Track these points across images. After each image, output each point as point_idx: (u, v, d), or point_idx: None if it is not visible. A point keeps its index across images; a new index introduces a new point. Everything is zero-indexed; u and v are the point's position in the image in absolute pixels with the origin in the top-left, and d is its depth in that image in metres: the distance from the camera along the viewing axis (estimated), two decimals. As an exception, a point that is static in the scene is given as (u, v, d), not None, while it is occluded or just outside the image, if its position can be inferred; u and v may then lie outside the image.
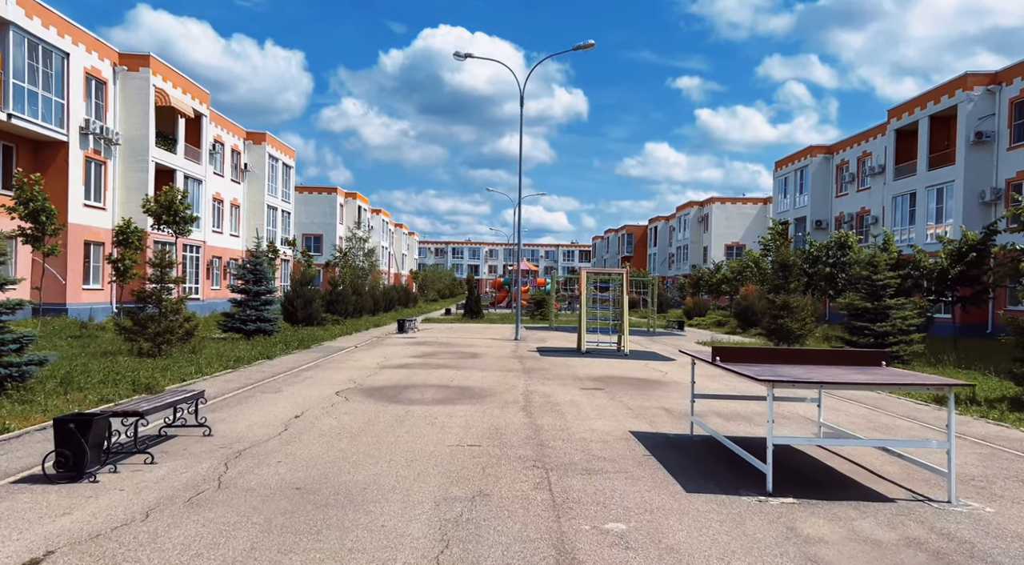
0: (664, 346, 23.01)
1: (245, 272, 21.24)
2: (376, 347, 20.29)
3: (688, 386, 12.58)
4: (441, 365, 15.60)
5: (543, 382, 13.05)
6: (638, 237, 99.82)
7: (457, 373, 14.13)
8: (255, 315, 20.86)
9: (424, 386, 12.16)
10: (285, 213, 52.67)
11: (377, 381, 12.73)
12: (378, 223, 79.79)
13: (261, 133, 47.94)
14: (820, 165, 48.24)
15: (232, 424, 8.50)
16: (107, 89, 30.56)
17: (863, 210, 43.61)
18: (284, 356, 17.05)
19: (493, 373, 14.29)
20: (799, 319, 22.11)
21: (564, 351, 19.86)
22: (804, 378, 5.73)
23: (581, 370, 15.19)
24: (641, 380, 13.66)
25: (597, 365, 16.35)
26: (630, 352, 18.97)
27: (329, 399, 10.56)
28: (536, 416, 9.38)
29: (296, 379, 12.87)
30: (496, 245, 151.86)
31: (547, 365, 16.13)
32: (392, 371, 14.33)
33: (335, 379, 12.93)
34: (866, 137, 43.47)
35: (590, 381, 13.36)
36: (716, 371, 14.90)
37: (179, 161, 34.87)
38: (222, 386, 11.75)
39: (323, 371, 14.20)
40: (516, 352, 19.45)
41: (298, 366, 15.03)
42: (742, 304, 31.68)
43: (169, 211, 23.00)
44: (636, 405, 10.53)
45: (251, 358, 15.78)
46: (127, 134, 31.54)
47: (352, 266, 46.46)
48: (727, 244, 71.35)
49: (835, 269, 28.35)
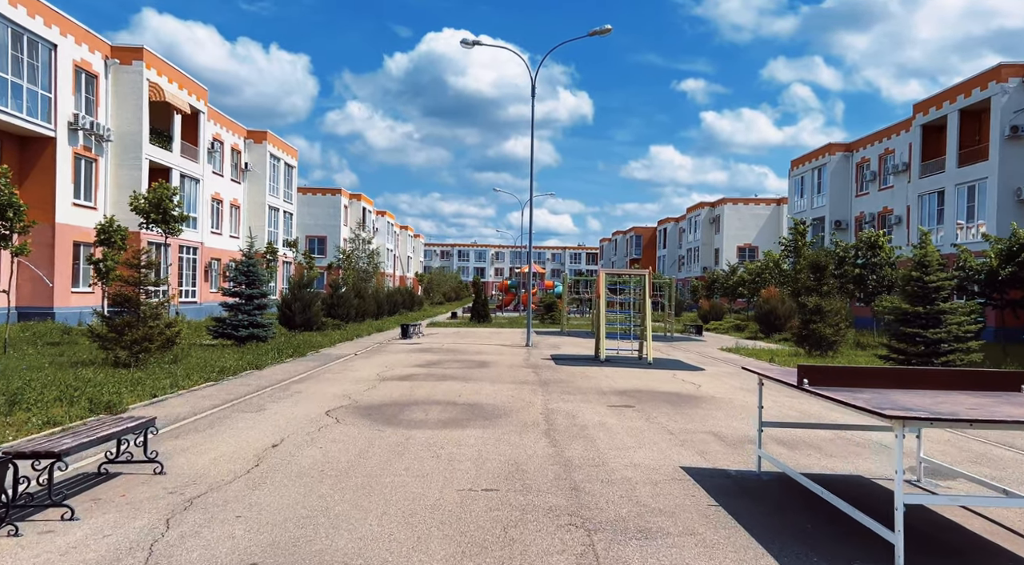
0: (687, 353, 21.41)
1: (237, 274, 19.76)
2: (377, 355, 18.77)
3: (732, 403, 11.01)
4: (448, 376, 14.05)
5: (564, 397, 11.48)
6: (647, 239, 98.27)
7: (466, 386, 12.58)
8: (248, 320, 19.35)
9: (428, 403, 10.62)
10: (287, 214, 51.28)
11: (375, 396, 11.19)
12: (383, 225, 78.38)
13: (262, 132, 46.55)
14: (839, 164, 46.55)
15: (194, 456, 6.97)
16: (98, 83, 29.17)
17: (885, 209, 41.88)
18: (275, 366, 15.53)
19: (506, 386, 12.73)
20: (832, 324, 20.49)
21: (581, 359, 18.29)
22: (949, 415, 4.14)
23: (604, 382, 13.61)
24: (674, 395, 12.08)
25: (620, 376, 14.77)
26: (653, 360, 17.39)
27: (317, 421, 9.01)
28: (562, 444, 7.82)
29: (284, 394, 11.34)
30: (502, 247, 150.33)
31: (565, 376, 14.56)
32: (393, 384, 12.79)
33: (328, 394, 11.39)
34: (888, 134, 41.77)
35: (616, 396, 11.79)
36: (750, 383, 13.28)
37: (175, 159, 33.45)
38: (196, 404, 10.22)
39: (316, 384, 12.67)
40: (529, 360, 17.89)
41: (289, 378, 13.50)
42: (764, 308, 30.04)
43: (158, 209, 21.55)
44: (678, 428, 8.95)
45: (238, 368, 14.27)
46: (119, 130, 30.14)
47: (355, 268, 44.97)
48: (739, 246, 69.73)
49: (865, 270, 26.68)
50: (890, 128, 41.37)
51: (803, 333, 20.75)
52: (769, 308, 29.75)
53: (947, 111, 33.53)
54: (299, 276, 26.28)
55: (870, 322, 29.65)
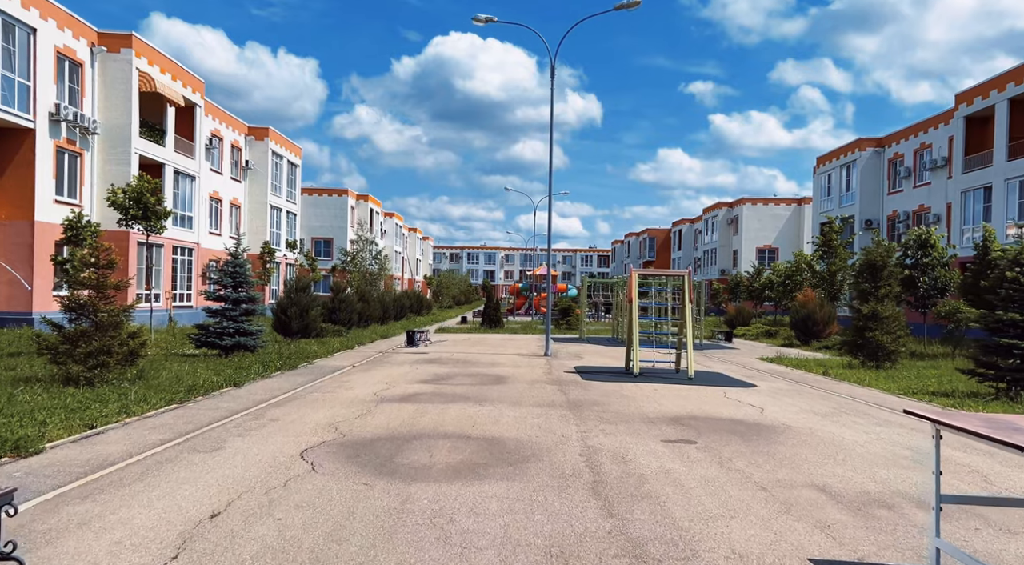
0: (726, 364, 19.10)
1: (222, 276, 17.63)
2: (378, 366, 16.57)
3: (815, 436, 8.59)
4: (458, 396, 11.84)
5: (604, 428, 9.24)
6: (660, 241, 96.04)
7: (481, 411, 10.36)
8: (234, 327, 17.22)
9: (435, 436, 8.41)
10: (291, 214, 49.28)
11: (368, 427, 8.99)
12: (391, 227, 76.36)
13: (264, 128, 44.58)
14: (870, 160, 44.05)
15: (87, 539, 4.78)
16: (83, 72, 27.21)
17: (921, 208, 39.36)
18: (258, 382, 13.35)
19: (530, 410, 10.50)
20: (891, 331, 18.16)
21: (611, 373, 16.02)
22: None
23: (647, 405, 11.34)
24: (738, 423, 9.80)
25: (664, 396, 12.49)
26: (695, 374, 15.09)
27: (286, 468, 6.81)
28: (621, 510, 5.59)
29: (255, 423, 9.16)
30: (512, 250, 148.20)
31: (598, 395, 12.31)
32: (393, 407, 10.58)
33: (310, 423, 9.20)
34: (924, 128, 39.27)
35: (669, 425, 9.53)
36: (820, 404, 10.97)
37: (168, 154, 31.45)
38: (139, 439, 8.05)
39: (298, 407, 10.48)
40: (551, 373, 15.66)
41: (269, 398, 11.32)
42: (800, 312, 27.66)
43: (138, 203, 19.48)
44: (768, 480, 6.68)
45: (212, 386, 12.11)
46: (107, 123, 28.17)
47: (360, 270, 42.86)
48: (759, 247, 67.36)
49: (915, 271, 24.30)
50: (926, 121, 38.88)
51: (857, 341, 18.41)
52: (806, 313, 27.38)
53: (994, 101, 31.08)
54: (297, 279, 24.15)
55: (920, 329, 27.21)
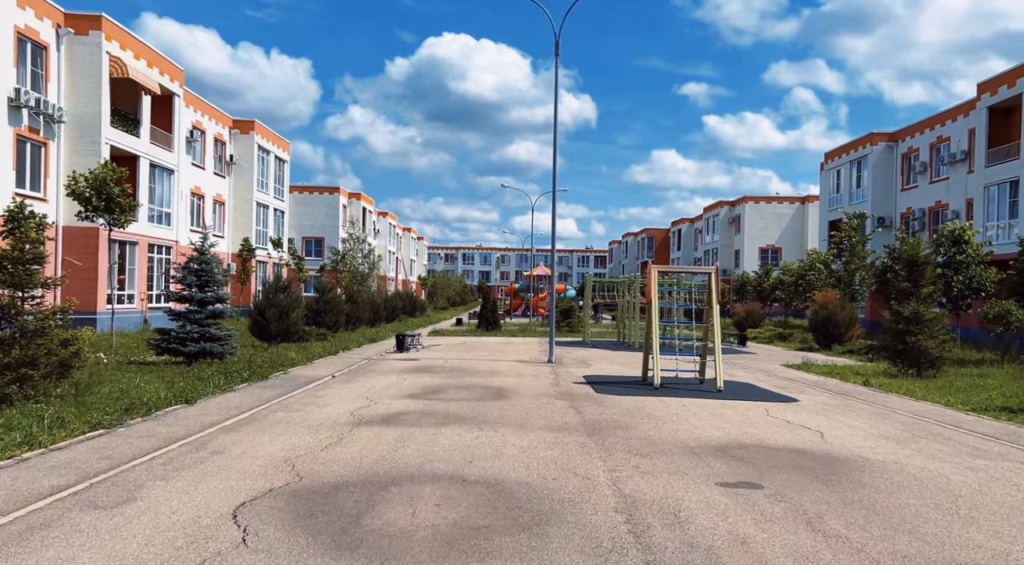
0: (750, 372, 17.18)
1: (186, 274, 15.61)
2: (362, 376, 14.59)
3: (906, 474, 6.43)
4: (452, 416, 9.88)
5: (637, 463, 7.28)
6: (659, 241, 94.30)
7: (479, 437, 8.40)
8: (198, 332, 15.20)
9: (420, 479, 6.45)
10: (278, 212, 47.18)
11: (335, 464, 7.02)
12: (385, 226, 74.28)
13: (249, 121, 42.50)
14: (882, 155, 42.24)
15: None
16: (48, 55, 25.15)
17: (938, 204, 37.53)
18: (216, 397, 11.35)
19: (540, 436, 8.55)
20: (934, 336, 16.29)
21: (626, 384, 14.06)
22: None
23: (682, 427, 9.37)
24: (800, 454, 7.85)
25: (696, 414, 10.54)
26: (724, 386, 13.13)
27: (205, 540, 4.83)
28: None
29: (190, 458, 7.18)
30: (508, 250, 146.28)
31: (618, 414, 10.36)
32: (370, 434, 8.60)
33: (261, 458, 7.22)
34: (941, 120, 37.46)
35: (717, 458, 7.58)
36: (888, 426, 8.93)
37: (143, 146, 29.38)
38: (25, 486, 6.04)
39: (253, 434, 8.50)
40: (558, 385, 13.70)
41: (220, 421, 9.33)
42: (820, 314, 25.77)
43: (100, 194, 17.48)
44: (891, 555, 4.74)
45: (156, 403, 10.11)
46: (74, 110, 26.11)
47: (351, 270, 40.82)
48: (761, 247, 65.60)
49: (947, 270, 22.46)
50: (944, 114, 37.08)
51: (897, 347, 16.52)
52: (826, 314, 25.50)
53: (1021, 89, 29.28)
54: (276, 278, 22.12)
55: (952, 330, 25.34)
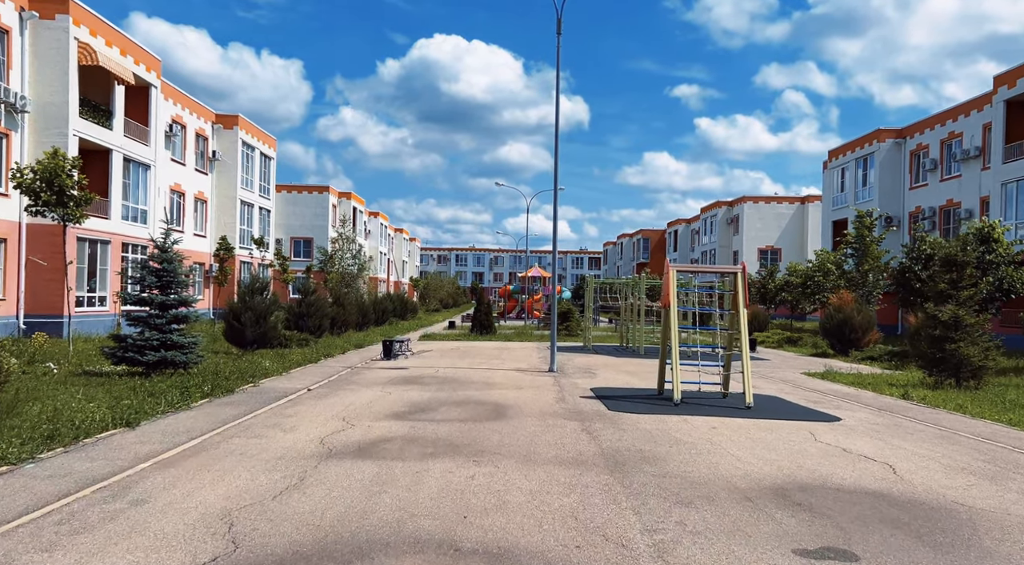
0: (771, 382, 15.60)
1: (145, 273, 13.90)
2: (341, 390, 12.91)
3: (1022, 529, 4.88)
4: (443, 443, 8.23)
5: (680, 516, 5.65)
6: (655, 242, 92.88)
7: (477, 477, 6.75)
8: (158, 338, 13.48)
9: (399, 548, 4.79)
10: (264, 211, 45.35)
11: (288, 521, 5.35)
12: (376, 227, 72.53)
13: (233, 116, 40.71)
14: (889, 152, 40.84)
15: None
16: (9, 39, 23.38)
17: (949, 202, 36.10)
18: (167, 417, 9.64)
19: (551, 473, 6.92)
20: (977, 342, 14.76)
21: (640, 398, 12.43)
22: None
23: (722, 459, 7.73)
24: (881, 499, 6.24)
25: (731, 438, 8.91)
26: (753, 401, 11.53)
27: None
28: None
29: (101, 512, 5.48)
30: (501, 251, 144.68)
31: (640, 440, 8.72)
32: (340, 471, 6.94)
33: (193, 513, 5.54)
34: (952, 116, 36.05)
35: (779, 506, 5.95)
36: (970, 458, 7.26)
37: (116, 139, 27.60)
38: None
39: (194, 473, 6.81)
40: (564, 400, 12.06)
41: (160, 452, 7.64)
42: (835, 318, 24.25)
43: (51, 186, 15.78)
44: None
45: (91, 427, 8.41)
46: (39, 100, 24.34)
47: (339, 271, 39.09)
48: (760, 248, 64.26)
49: (975, 270, 20.96)
50: (955, 109, 35.68)
51: (935, 355, 14.97)
52: (842, 318, 23.99)
53: (1042, 81, 27.93)
54: (253, 279, 20.39)
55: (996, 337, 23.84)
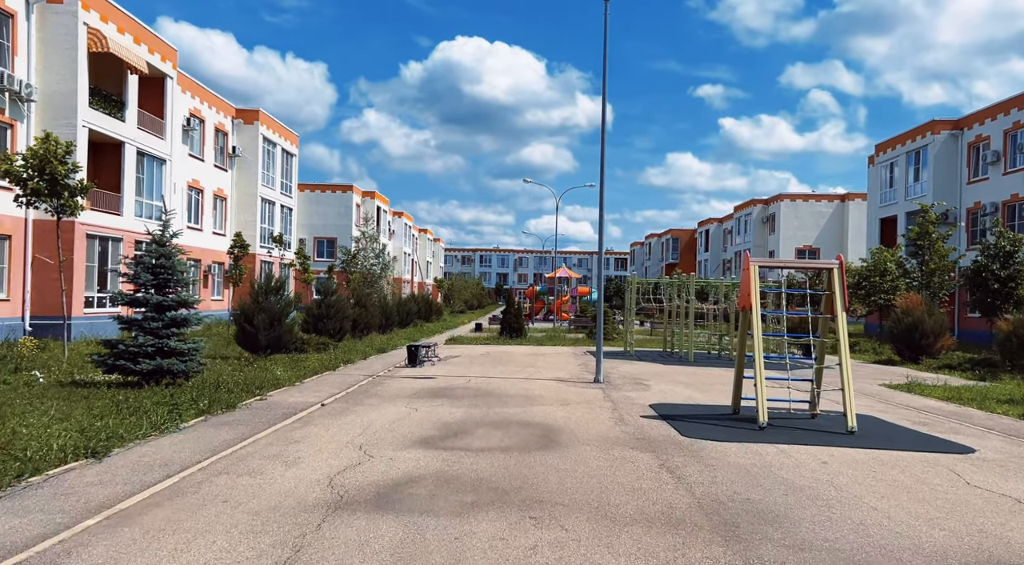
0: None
1: (139, 270, 12.25)
2: (360, 405, 11.11)
3: None
4: (486, 489, 6.35)
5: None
6: (684, 242, 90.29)
7: (539, 549, 4.85)
8: (154, 344, 11.81)
9: None
10: (285, 209, 43.97)
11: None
12: (400, 227, 71.06)
13: (253, 111, 39.34)
14: (945, 144, 38.18)
15: None
16: (15, 25, 22.05)
17: (1014, 197, 33.40)
18: (143, 445, 7.88)
19: (641, 544, 4.99)
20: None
21: (713, 418, 10.44)
22: None
23: (866, 516, 5.72)
24: None
25: (863, 483, 6.90)
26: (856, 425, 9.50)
27: None
28: None
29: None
30: (526, 252, 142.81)
31: (740, 484, 6.77)
32: (350, 535, 5.07)
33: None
34: (1017, 104, 33.37)
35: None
36: None
37: (129, 131, 26.23)
38: None
39: (147, 539, 4.98)
40: (624, 421, 10.13)
41: (118, 500, 5.85)
42: (904, 322, 21.97)
43: (43, 174, 14.28)
44: None
45: (46, 459, 6.68)
46: (46, 89, 22.99)
47: (362, 271, 37.51)
48: (798, 247, 61.54)
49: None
50: (1020, 97, 33.06)
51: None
52: (911, 322, 21.71)
53: None
54: (267, 278, 18.72)
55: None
